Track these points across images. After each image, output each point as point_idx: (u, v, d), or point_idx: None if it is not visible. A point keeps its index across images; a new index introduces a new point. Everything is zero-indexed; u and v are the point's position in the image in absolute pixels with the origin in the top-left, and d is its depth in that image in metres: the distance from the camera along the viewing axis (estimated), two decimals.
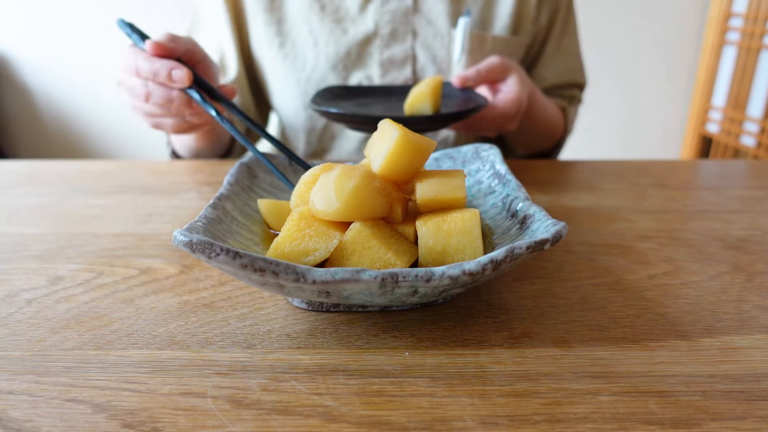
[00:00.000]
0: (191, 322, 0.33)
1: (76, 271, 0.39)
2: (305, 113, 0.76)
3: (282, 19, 0.72)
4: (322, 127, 0.76)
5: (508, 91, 0.62)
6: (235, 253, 0.26)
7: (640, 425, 0.25)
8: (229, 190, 0.38)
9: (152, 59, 0.49)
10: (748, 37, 1.71)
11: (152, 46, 0.49)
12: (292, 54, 0.72)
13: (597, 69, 1.73)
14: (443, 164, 0.48)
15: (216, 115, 0.48)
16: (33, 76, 1.85)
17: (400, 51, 0.72)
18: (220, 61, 0.75)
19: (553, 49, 0.80)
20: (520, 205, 0.36)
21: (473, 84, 0.63)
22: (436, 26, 0.72)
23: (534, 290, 0.37)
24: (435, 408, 0.26)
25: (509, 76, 0.63)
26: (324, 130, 0.77)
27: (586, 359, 0.29)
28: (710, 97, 1.89)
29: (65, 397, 0.26)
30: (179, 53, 0.51)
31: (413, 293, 0.28)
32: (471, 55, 0.73)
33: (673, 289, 0.37)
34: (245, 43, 0.75)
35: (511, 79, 0.63)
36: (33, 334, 0.32)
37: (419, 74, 0.74)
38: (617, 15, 1.90)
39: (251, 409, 0.26)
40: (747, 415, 0.25)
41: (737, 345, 0.31)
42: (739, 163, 0.71)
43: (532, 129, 0.74)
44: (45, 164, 0.66)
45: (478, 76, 0.62)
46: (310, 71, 0.72)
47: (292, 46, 0.72)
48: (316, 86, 0.73)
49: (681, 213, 0.52)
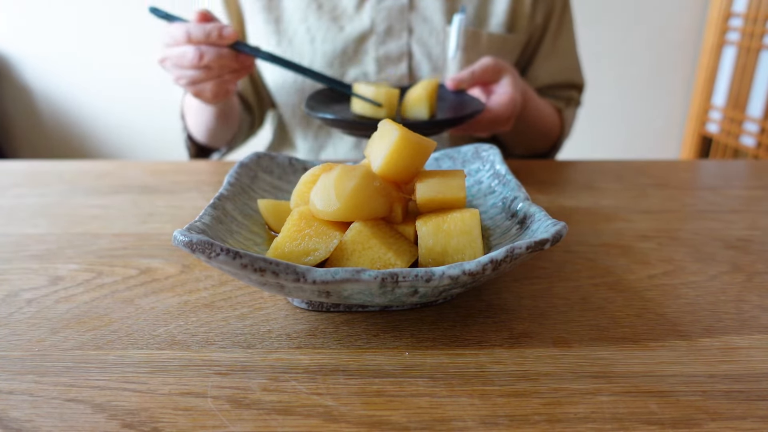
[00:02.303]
0: (191, 322, 0.33)
1: (76, 271, 0.39)
2: (302, 110, 0.76)
3: (279, 18, 0.73)
4: (320, 123, 0.77)
5: (502, 93, 0.62)
6: (235, 253, 0.26)
7: (640, 425, 0.25)
8: (229, 190, 0.38)
9: (202, 24, 0.56)
10: (748, 37, 1.71)
11: (201, 14, 0.58)
12: (289, 51, 0.73)
13: (597, 69, 1.74)
14: (443, 164, 0.48)
15: (264, 54, 0.58)
16: (33, 76, 1.85)
17: (395, 48, 0.73)
18: None
19: (549, 49, 0.80)
20: (519, 205, 0.36)
21: (467, 86, 0.63)
22: (431, 23, 0.72)
23: (534, 290, 0.37)
24: (435, 408, 0.26)
25: (503, 77, 0.63)
26: (321, 126, 0.77)
27: (586, 359, 0.29)
28: (710, 97, 1.89)
29: (65, 397, 0.26)
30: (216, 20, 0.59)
31: (413, 293, 0.28)
32: (466, 52, 0.73)
33: (673, 289, 0.37)
34: (244, 41, 0.75)
35: (504, 80, 0.63)
36: (33, 334, 0.32)
37: (415, 71, 0.74)
38: (617, 15, 1.90)
39: (251, 409, 0.26)
40: (747, 415, 0.25)
41: (737, 345, 0.31)
42: (739, 163, 0.71)
43: (527, 130, 0.74)
44: (45, 164, 0.66)
45: (472, 78, 0.62)
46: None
47: (288, 44, 0.73)
48: (313, 83, 0.73)
49: (681, 213, 0.52)
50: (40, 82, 1.86)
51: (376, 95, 0.57)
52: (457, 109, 0.60)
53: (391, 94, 0.57)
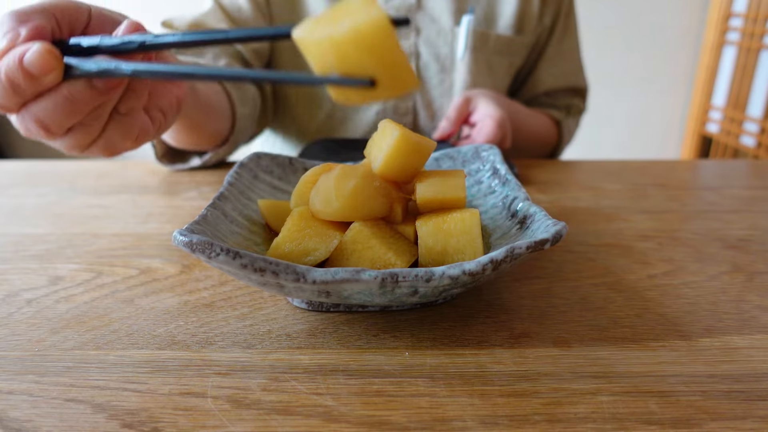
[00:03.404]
0: (191, 322, 0.33)
1: (76, 271, 0.39)
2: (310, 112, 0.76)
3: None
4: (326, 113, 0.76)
5: (483, 116, 0.63)
6: (235, 253, 0.26)
7: (640, 425, 0.25)
8: (229, 190, 0.38)
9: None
10: (748, 37, 1.71)
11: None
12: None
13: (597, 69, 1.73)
14: (443, 164, 0.48)
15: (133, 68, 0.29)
16: None
17: (403, 47, 0.72)
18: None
19: (554, 52, 0.80)
20: (520, 205, 0.36)
21: (454, 129, 0.64)
22: (439, 23, 0.72)
23: (534, 290, 0.37)
24: (435, 408, 0.26)
25: (477, 103, 0.64)
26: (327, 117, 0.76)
27: (586, 359, 0.29)
28: (710, 97, 1.89)
29: (65, 397, 0.26)
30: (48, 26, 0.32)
31: (413, 293, 0.28)
32: (474, 53, 0.73)
33: (673, 289, 0.37)
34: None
35: (479, 106, 0.64)
36: (33, 334, 0.32)
37: (422, 71, 0.74)
38: (617, 15, 1.90)
39: (251, 409, 0.26)
40: (747, 415, 0.25)
41: (737, 345, 0.31)
42: (739, 163, 0.71)
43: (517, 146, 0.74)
44: (45, 164, 0.66)
45: (451, 122, 0.63)
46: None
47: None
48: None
49: (681, 213, 0.52)
50: None
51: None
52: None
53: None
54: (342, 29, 0.21)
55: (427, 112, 0.76)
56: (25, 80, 0.29)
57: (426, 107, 0.76)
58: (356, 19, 0.21)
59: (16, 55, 0.29)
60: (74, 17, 0.33)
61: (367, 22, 0.21)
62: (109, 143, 0.35)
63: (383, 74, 0.22)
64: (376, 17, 0.21)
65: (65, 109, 0.31)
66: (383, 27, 0.21)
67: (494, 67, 0.76)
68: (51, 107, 0.31)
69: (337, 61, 0.22)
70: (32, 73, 0.29)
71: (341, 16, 0.22)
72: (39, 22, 0.31)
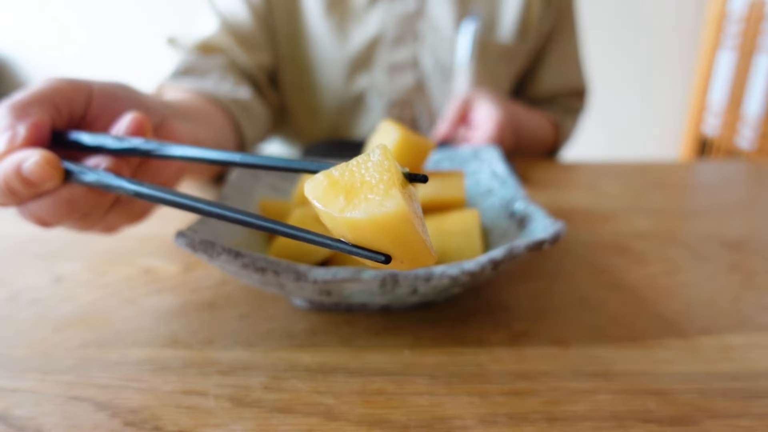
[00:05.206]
0: (193, 322, 0.33)
1: (79, 270, 0.40)
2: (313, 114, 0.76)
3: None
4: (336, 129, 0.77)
5: (482, 117, 0.63)
6: (236, 253, 0.26)
7: (638, 423, 0.25)
8: (230, 190, 0.38)
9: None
10: (745, 38, 1.71)
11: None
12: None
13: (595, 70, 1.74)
14: (443, 165, 0.48)
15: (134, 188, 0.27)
16: (33, 76, 1.85)
17: (404, 55, 0.72)
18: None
19: (555, 55, 0.80)
20: (518, 205, 0.36)
21: (453, 131, 0.64)
22: (441, 31, 0.72)
23: (533, 290, 0.37)
24: (435, 406, 0.26)
25: (476, 104, 0.64)
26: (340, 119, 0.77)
27: (585, 358, 0.30)
28: (707, 99, 1.90)
29: (68, 395, 0.27)
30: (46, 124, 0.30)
31: (413, 293, 0.28)
32: (476, 60, 0.73)
33: (671, 288, 0.37)
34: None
35: (479, 105, 0.64)
36: (36, 333, 0.32)
37: (425, 79, 0.74)
38: (614, 16, 1.90)
39: (252, 407, 0.26)
40: (744, 413, 0.25)
41: (734, 344, 0.31)
42: (735, 164, 0.72)
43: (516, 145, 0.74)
44: None
45: (450, 123, 0.64)
46: (318, 75, 0.73)
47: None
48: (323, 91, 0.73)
49: (678, 213, 0.52)
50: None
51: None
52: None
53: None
54: (358, 215, 0.20)
55: (429, 120, 0.76)
56: (23, 187, 0.28)
57: (428, 116, 0.76)
58: (373, 207, 0.20)
59: (14, 163, 0.28)
60: (74, 100, 0.32)
61: (386, 215, 0.19)
62: (110, 225, 0.34)
63: (399, 253, 0.20)
64: (394, 210, 0.19)
65: (64, 209, 0.30)
66: (401, 218, 0.19)
67: (496, 73, 0.76)
68: (50, 207, 0.30)
69: (350, 234, 0.21)
70: (31, 181, 0.28)
71: (358, 190, 0.21)
72: (38, 117, 0.30)
